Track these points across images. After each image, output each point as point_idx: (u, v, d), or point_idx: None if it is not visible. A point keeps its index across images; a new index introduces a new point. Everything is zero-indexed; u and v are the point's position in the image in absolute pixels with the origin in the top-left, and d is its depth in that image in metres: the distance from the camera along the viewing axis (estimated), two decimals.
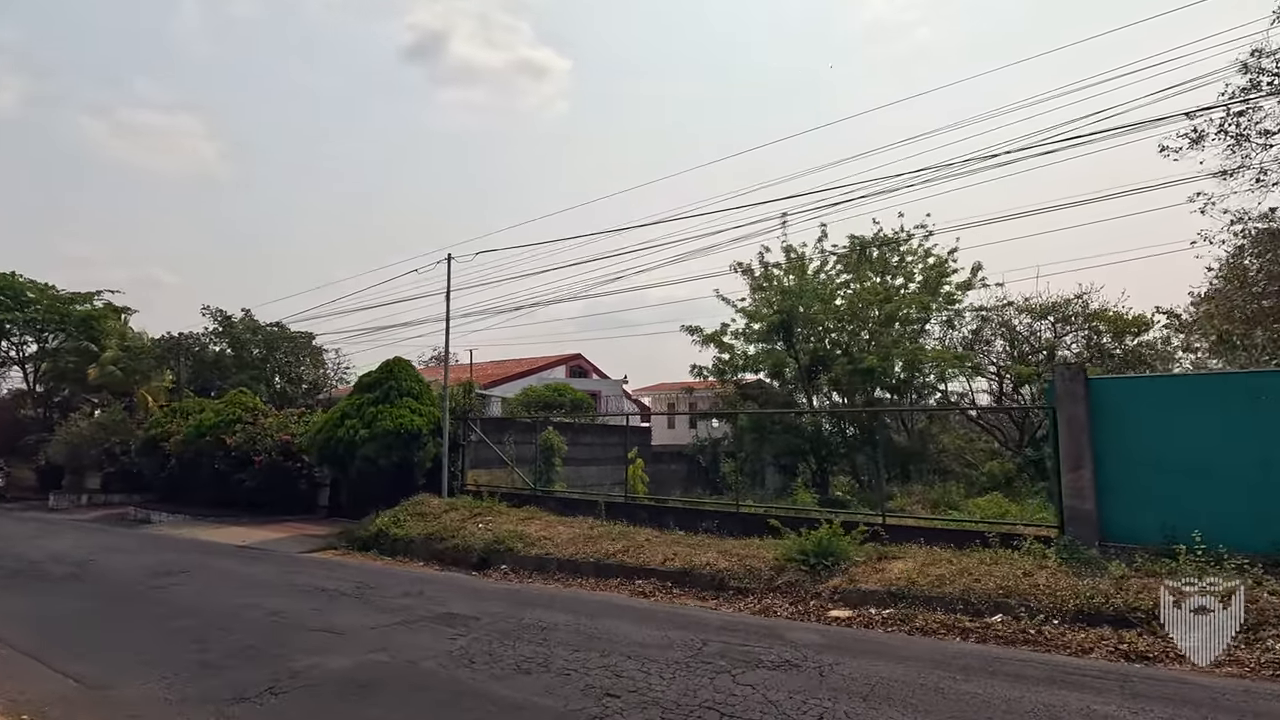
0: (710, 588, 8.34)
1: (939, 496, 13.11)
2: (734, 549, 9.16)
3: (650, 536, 10.33)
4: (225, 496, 17.81)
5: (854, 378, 17.26)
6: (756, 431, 17.85)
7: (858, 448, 17.91)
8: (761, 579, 8.17)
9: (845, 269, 19.14)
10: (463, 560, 10.89)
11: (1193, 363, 18.68)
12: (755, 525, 10.89)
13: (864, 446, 17.87)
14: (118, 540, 13.39)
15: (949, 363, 16.88)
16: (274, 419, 18.03)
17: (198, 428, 17.99)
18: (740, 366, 19.94)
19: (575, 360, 29.65)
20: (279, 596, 7.46)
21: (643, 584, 8.75)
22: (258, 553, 11.94)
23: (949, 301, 18.85)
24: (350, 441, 13.46)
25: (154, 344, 26.05)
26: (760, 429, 17.84)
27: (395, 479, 13.79)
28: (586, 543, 10.34)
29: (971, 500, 12.20)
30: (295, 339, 27.42)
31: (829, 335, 18.44)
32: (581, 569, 9.64)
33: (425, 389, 14.86)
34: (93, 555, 10.92)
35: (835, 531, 8.35)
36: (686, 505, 13.00)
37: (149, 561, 10.34)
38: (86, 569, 9.48)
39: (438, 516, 12.50)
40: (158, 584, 8.21)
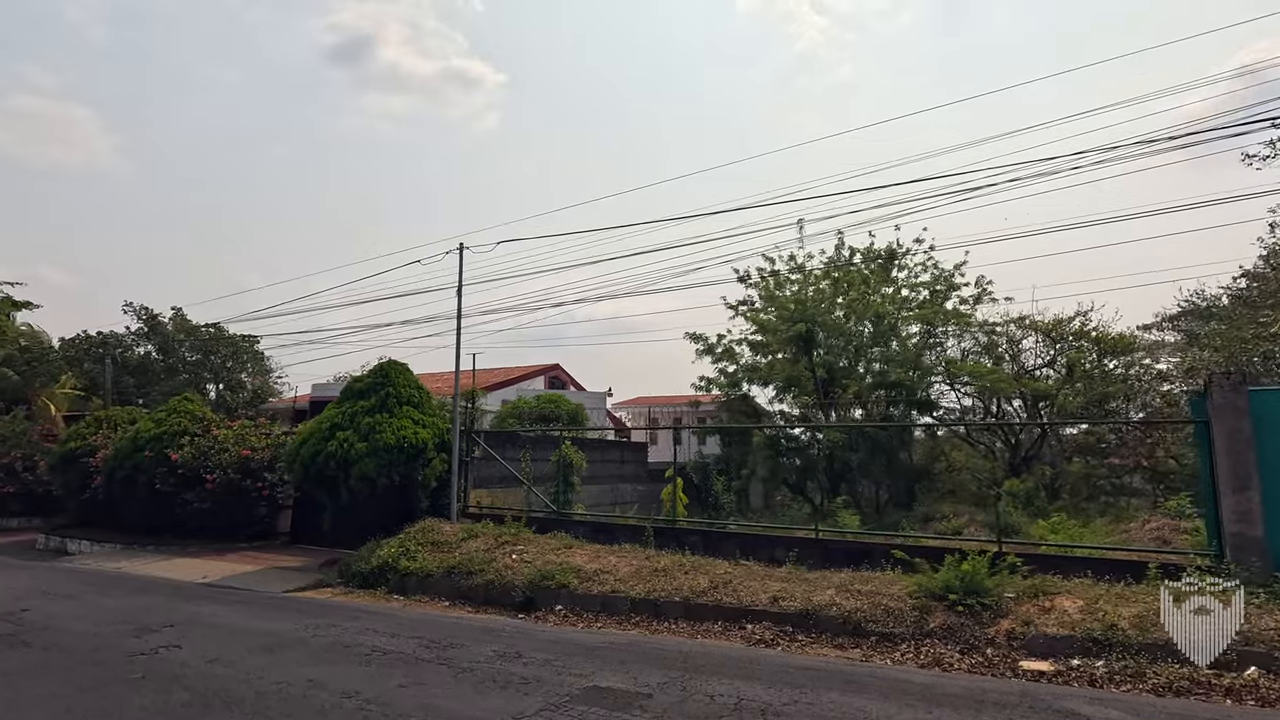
0: (844, 633, 7.04)
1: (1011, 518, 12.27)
2: (848, 584, 7.91)
3: (728, 569, 8.95)
4: (161, 521, 15.15)
5: (877, 391, 16.46)
6: (770, 448, 16.74)
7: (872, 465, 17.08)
8: (906, 622, 6.94)
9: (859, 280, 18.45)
10: (501, 600, 9.16)
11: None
12: (838, 554, 9.73)
13: (877, 463, 17.10)
14: (44, 579, 10.83)
15: (988, 377, 16.32)
16: (229, 431, 15.54)
17: (134, 440, 15.27)
18: (746, 379, 18.87)
19: (554, 371, 27.85)
20: (330, 664, 5.61)
21: (755, 629, 7.36)
22: (237, 594, 9.76)
23: (956, 317, 18.45)
24: (344, 458, 11.43)
25: (65, 344, 22.58)
26: (774, 446, 16.76)
27: (396, 501, 11.84)
28: (656, 577, 8.84)
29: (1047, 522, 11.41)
30: (236, 342, 24.50)
31: (849, 348, 17.62)
32: (664, 610, 8.14)
33: (426, 397, 12.97)
34: (23, 603, 8.52)
35: (982, 564, 7.23)
36: (748, 531, 11.66)
37: (107, 611, 8.11)
38: (24, 625, 7.22)
39: (456, 546, 10.68)
40: (142, 648, 6.16)
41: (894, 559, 8.84)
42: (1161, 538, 11.50)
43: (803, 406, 18.53)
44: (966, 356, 19.52)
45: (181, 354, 23.67)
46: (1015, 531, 11.85)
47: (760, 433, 18.45)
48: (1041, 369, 19.84)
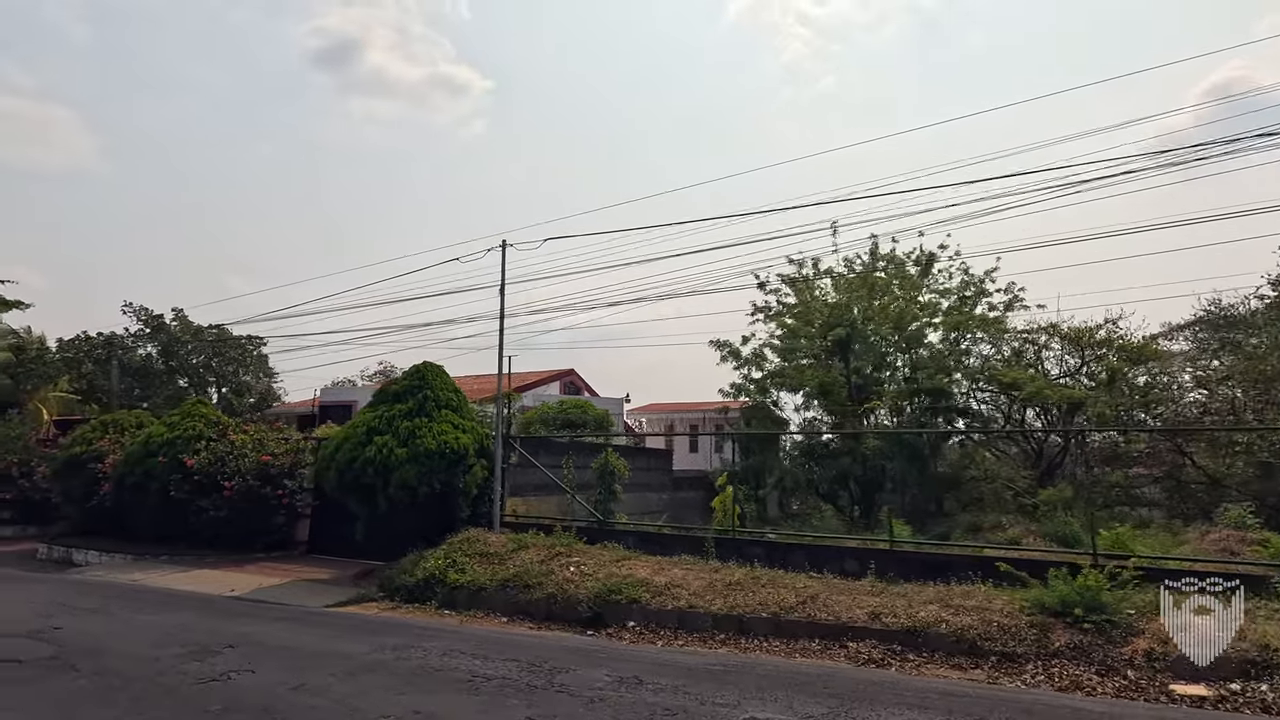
0: (958, 652, 6.58)
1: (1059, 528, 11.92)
2: (946, 599, 7.47)
3: (808, 583, 8.48)
4: (173, 530, 14.39)
5: (912, 398, 16.11)
6: (809, 456, 16.31)
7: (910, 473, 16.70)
8: (1026, 640, 6.50)
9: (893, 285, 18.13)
10: (565, 616, 8.61)
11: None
12: (914, 566, 9.31)
13: (914, 471, 16.73)
14: (60, 593, 10.10)
15: (1032, 385, 16.01)
16: (246, 436, 14.84)
17: (145, 445, 14.52)
18: (775, 385, 18.45)
19: (569, 376, 27.28)
20: (430, 692, 5.03)
21: (858, 647, 6.87)
22: (275, 609, 9.13)
23: (987, 323, 18.19)
24: (384, 464, 10.81)
25: (64, 345, 21.66)
26: (810, 453, 16.33)
27: (436, 510, 11.24)
28: (732, 591, 8.35)
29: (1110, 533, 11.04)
30: (241, 344, 23.69)
31: (880, 353, 17.27)
32: (750, 627, 7.64)
33: (463, 400, 12.39)
34: (50, 619, 7.84)
35: (1100, 578, 6.81)
36: (815, 542, 11.19)
37: (146, 628, 7.46)
38: (64, 645, 6.56)
39: (506, 557, 10.11)
40: (208, 673, 5.54)
41: (979, 572, 8.47)
42: (1228, 549, 11.18)
43: (835, 413, 18.13)
44: (988, 363, 19.29)
45: (184, 356, 22.82)
46: (1076, 541, 11.48)
47: (788, 440, 18.03)
48: (1068, 376, 19.66)
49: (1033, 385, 15.89)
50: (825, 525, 16.12)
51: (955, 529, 13.67)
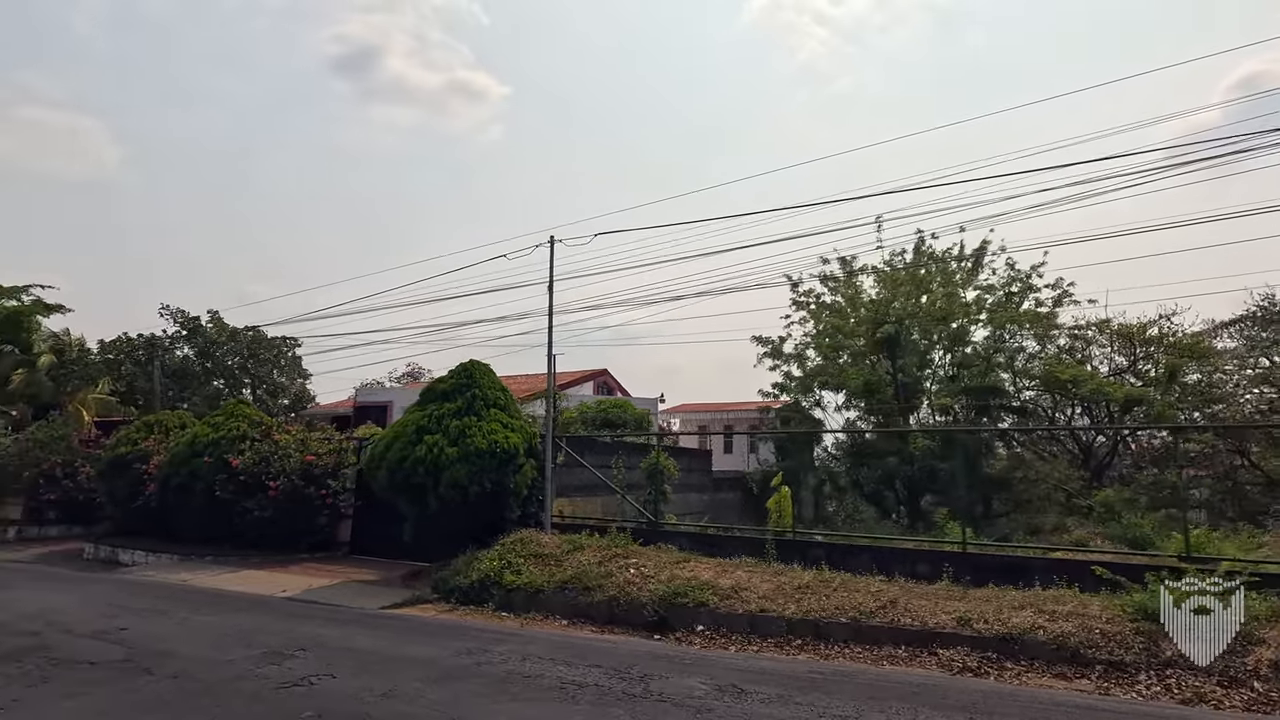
0: (1059, 661, 6.23)
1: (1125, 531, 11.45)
2: (1037, 604, 7.11)
3: (882, 586, 8.16)
4: (217, 530, 14.36)
5: (961, 397, 15.66)
6: (855, 456, 15.93)
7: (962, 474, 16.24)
8: (1133, 648, 6.13)
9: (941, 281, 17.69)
10: (629, 619, 8.37)
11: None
12: (990, 569, 8.93)
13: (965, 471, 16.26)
14: (114, 593, 10.06)
15: (1091, 382, 15.50)
16: (289, 436, 14.79)
17: (191, 445, 14.52)
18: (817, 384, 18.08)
19: (602, 376, 27.10)
20: (529, 701, 4.74)
21: (949, 654, 6.54)
22: (332, 610, 8.98)
23: (1035, 319, 17.68)
24: (435, 463, 10.64)
25: (105, 346, 21.87)
26: (860, 454, 15.95)
27: (486, 510, 11.06)
28: (803, 595, 8.05)
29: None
30: (276, 345, 23.79)
31: (934, 350, 16.85)
32: (828, 632, 7.34)
33: (510, 399, 12.20)
34: (113, 619, 7.75)
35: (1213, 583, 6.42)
36: (877, 544, 10.85)
37: (211, 630, 7.33)
38: (134, 647, 6.44)
39: (561, 559, 9.89)
40: (288, 678, 5.36)
41: (1061, 576, 8.12)
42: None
43: (878, 413, 17.72)
44: (1040, 360, 18.75)
45: (220, 358, 22.95)
46: (1149, 544, 11.02)
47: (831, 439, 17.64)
48: (1118, 374, 19.08)
49: (1093, 383, 15.38)
50: (875, 527, 15.75)
51: (1015, 531, 13.23)
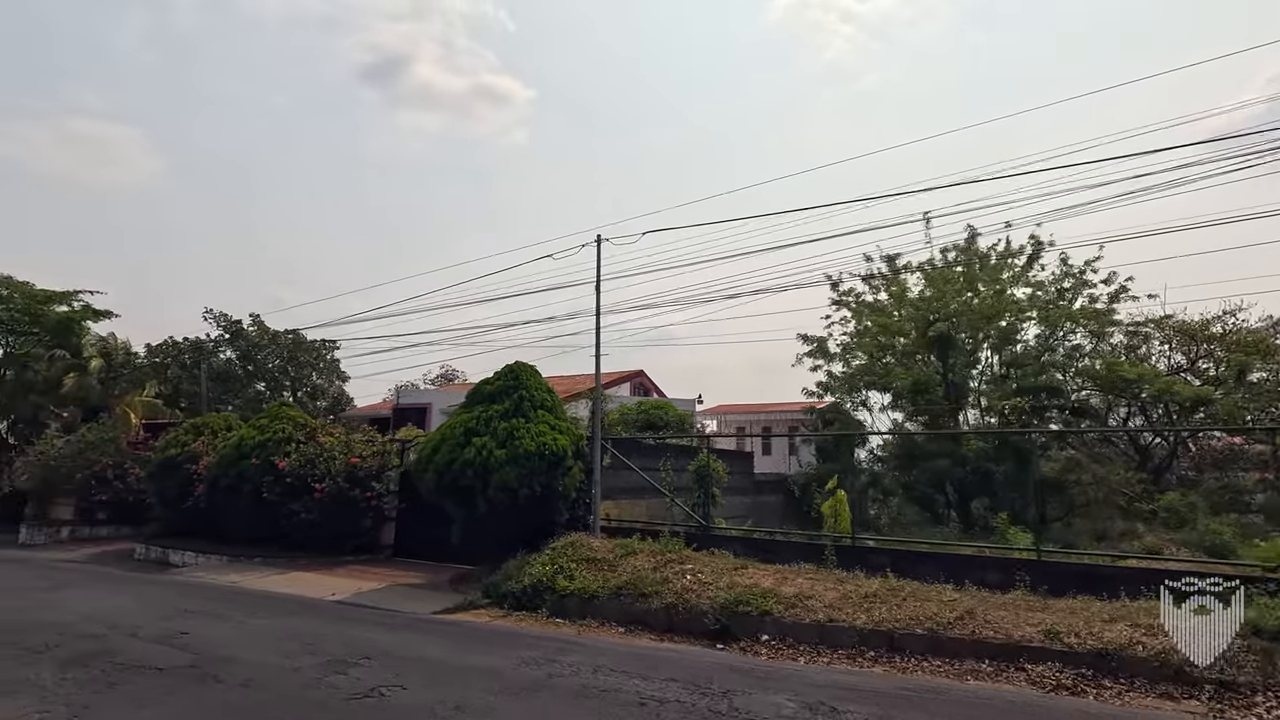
0: (1163, 679, 5.82)
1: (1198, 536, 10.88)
2: (1130, 616, 6.69)
3: (955, 595, 7.79)
4: (264, 532, 14.45)
5: (1018, 397, 15.11)
6: (905, 458, 15.47)
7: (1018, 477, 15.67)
8: (1246, 668, 5.70)
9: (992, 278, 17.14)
10: (688, 627, 8.11)
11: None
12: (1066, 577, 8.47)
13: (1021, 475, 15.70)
14: (169, 595, 10.10)
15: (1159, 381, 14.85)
16: (333, 438, 14.83)
17: (238, 447, 14.63)
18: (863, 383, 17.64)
19: (638, 377, 26.91)
20: (612, 718, 4.60)
21: (1038, 670, 6.16)
22: (384, 615, 8.89)
23: (1091, 316, 17.02)
24: (483, 465, 10.50)
25: (152, 350, 22.27)
26: (910, 456, 15.49)
27: (535, 513, 10.89)
28: (872, 604, 7.72)
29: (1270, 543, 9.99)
30: (315, 348, 24.03)
31: (980, 349, 16.32)
32: (903, 644, 7.00)
33: (557, 401, 12.04)
34: (172, 623, 7.73)
35: None
36: (938, 550, 10.45)
37: (271, 635, 7.26)
38: (199, 653, 6.36)
39: (614, 564, 9.67)
40: (357, 688, 5.20)
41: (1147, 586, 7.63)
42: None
43: (927, 413, 17.21)
44: (1100, 358, 18.07)
45: (261, 360, 23.24)
46: (1229, 552, 10.44)
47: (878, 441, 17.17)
48: (1178, 373, 18.31)
49: (1160, 382, 14.72)
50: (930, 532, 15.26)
51: (1079, 537, 12.68)
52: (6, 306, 22.13)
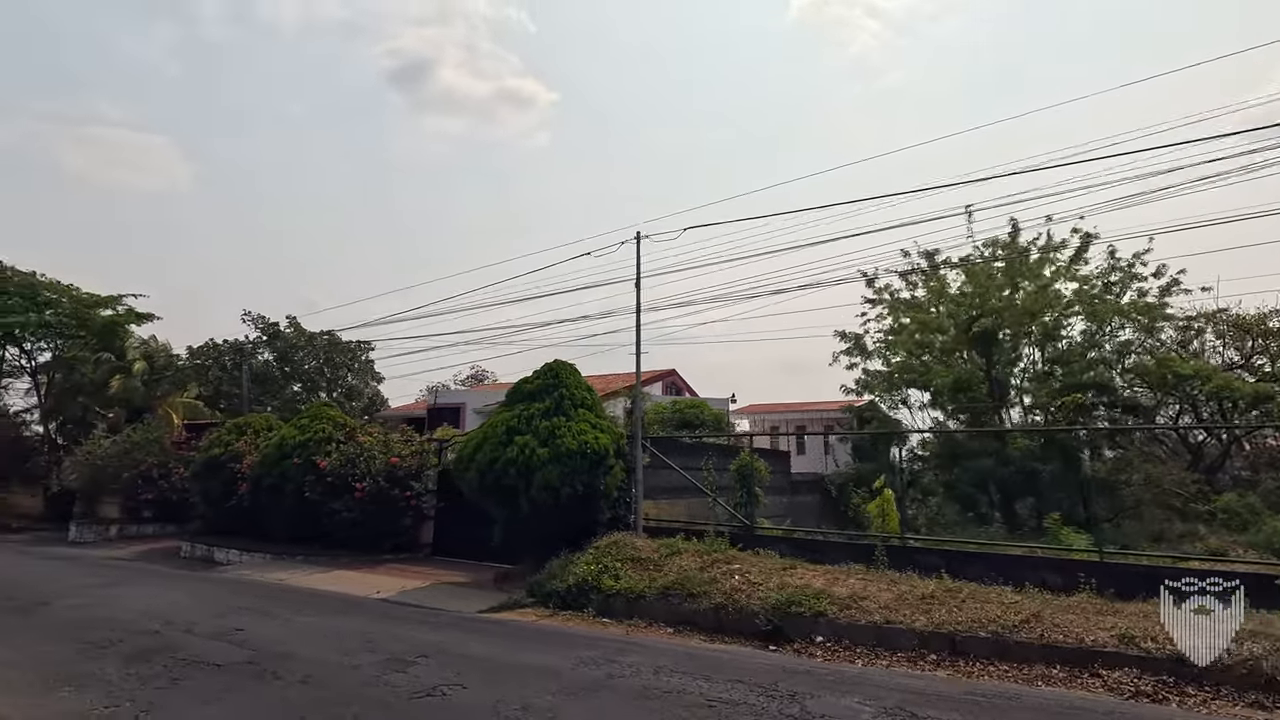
0: (1252, 687, 5.54)
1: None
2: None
3: (1016, 597, 7.54)
4: (306, 531, 14.61)
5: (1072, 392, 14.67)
6: (947, 458, 15.12)
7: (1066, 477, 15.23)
8: None
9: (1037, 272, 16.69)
10: (739, 628, 7.96)
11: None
12: (1129, 579, 8.15)
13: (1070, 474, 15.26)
14: (222, 593, 10.23)
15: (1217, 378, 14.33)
16: (372, 438, 14.94)
17: (280, 447, 14.82)
18: (903, 381, 17.29)
19: (670, 376, 26.81)
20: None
21: (1115, 676, 5.91)
22: (431, 613, 8.88)
23: (1149, 310, 16.47)
24: (526, 464, 10.47)
25: (194, 352, 22.73)
26: (953, 455, 15.13)
27: (578, 513, 10.83)
28: (930, 605, 7.50)
29: None
30: (351, 349, 24.32)
31: (1022, 346, 15.90)
32: (966, 647, 6.77)
33: (597, 399, 11.97)
34: (226, 620, 7.80)
35: None
36: (984, 550, 10.16)
37: (323, 633, 7.28)
38: (255, 650, 6.39)
39: (659, 563, 9.56)
40: (417, 687, 5.16)
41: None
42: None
43: (968, 411, 16.82)
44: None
45: (298, 361, 23.58)
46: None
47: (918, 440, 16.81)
48: (1232, 368, 17.66)
49: (1218, 378, 14.19)
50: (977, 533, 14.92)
51: (1134, 538, 12.26)
52: (56, 311, 22.75)
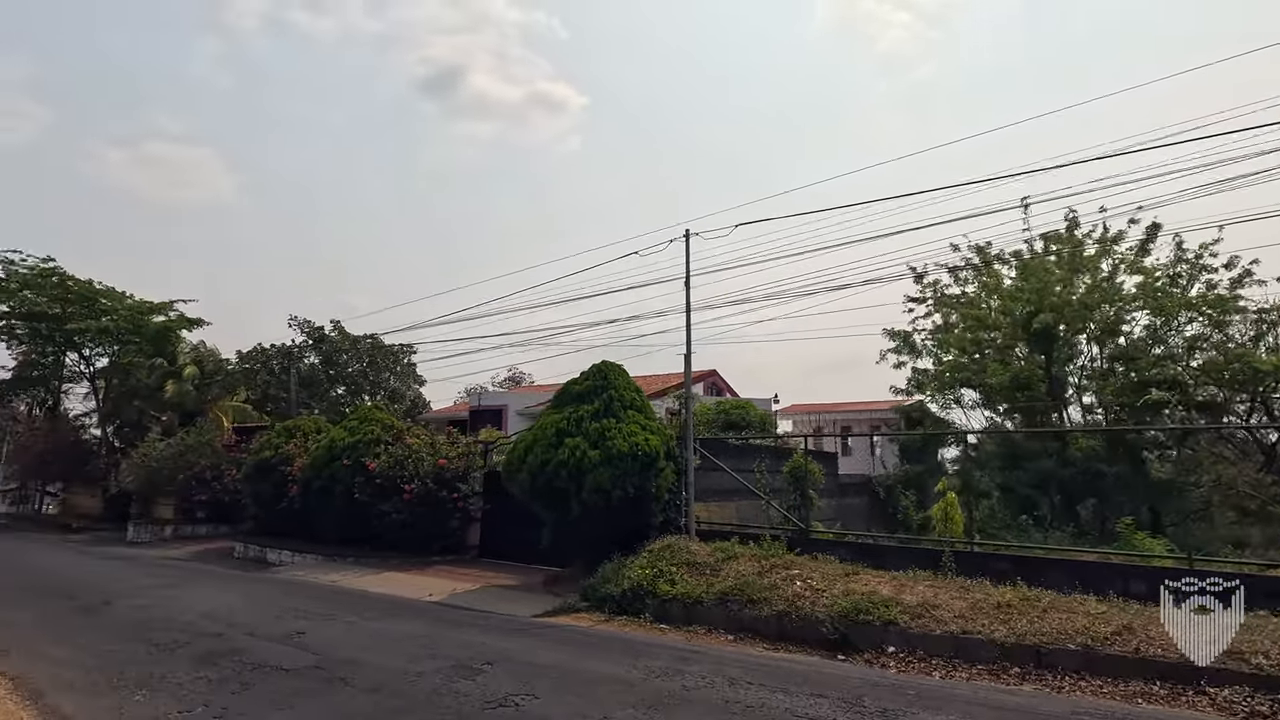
0: None
1: None
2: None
3: (1101, 607, 7.11)
4: (355, 532, 14.73)
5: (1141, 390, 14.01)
6: (1005, 458, 14.58)
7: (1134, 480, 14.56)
8: None
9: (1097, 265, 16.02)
10: (803, 636, 7.69)
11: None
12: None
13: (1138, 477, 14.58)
14: (278, 594, 10.32)
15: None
16: (420, 440, 15.00)
17: (329, 449, 14.97)
18: (955, 380, 16.75)
19: (711, 377, 26.58)
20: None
21: (1225, 695, 5.50)
22: (485, 617, 8.80)
23: (1221, 303, 15.66)
24: (577, 467, 10.34)
25: (243, 357, 23.23)
26: (1011, 456, 14.58)
27: (629, 516, 10.66)
28: (1008, 615, 7.13)
29: None
30: (395, 352, 24.60)
31: (1085, 341, 15.26)
32: (1052, 660, 6.40)
33: (645, 400, 11.79)
34: (286, 623, 7.82)
35: None
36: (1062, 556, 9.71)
37: (384, 637, 7.23)
38: (320, 654, 6.36)
39: (716, 568, 9.34)
40: (489, 696, 5.02)
41: None
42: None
43: (1024, 411, 16.21)
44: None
45: (342, 365, 23.93)
46: None
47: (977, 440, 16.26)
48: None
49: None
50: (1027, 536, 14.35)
51: (1210, 543, 11.63)
52: (113, 318, 23.46)
